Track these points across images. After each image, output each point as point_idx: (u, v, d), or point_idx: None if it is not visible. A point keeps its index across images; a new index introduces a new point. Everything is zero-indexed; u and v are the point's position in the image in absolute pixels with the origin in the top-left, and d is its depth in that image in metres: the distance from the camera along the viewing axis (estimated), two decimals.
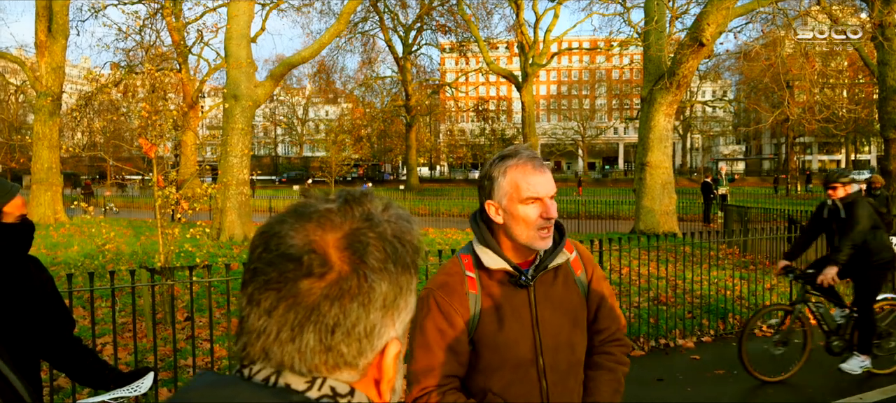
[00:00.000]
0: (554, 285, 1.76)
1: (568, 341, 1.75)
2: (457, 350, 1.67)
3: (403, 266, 0.69)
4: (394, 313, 0.68)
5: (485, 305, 1.70)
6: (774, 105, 35.16)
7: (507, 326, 1.70)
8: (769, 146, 73.39)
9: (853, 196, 5.15)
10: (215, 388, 0.63)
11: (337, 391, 0.65)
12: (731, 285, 7.70)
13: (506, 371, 1.70)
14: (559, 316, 1.75)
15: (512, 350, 1.69)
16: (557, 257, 1.74)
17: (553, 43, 32.94)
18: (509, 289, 1.72)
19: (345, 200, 0.70)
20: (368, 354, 0.67)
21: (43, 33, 18.73)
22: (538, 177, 1.65)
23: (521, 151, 1.70)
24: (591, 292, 1.84)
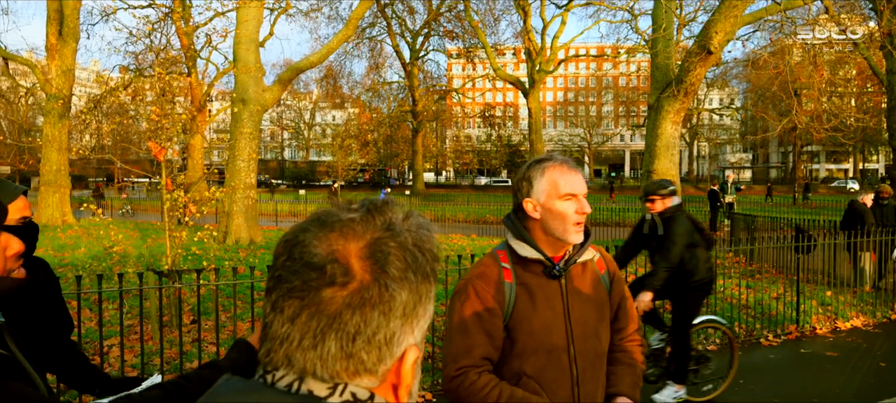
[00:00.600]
0: (582, 279, 1.92)
1: (595, 331, 1.90)
2: (492, 335, 1.81)
3: (423, 274, 0.70)
4: (413, 321, 0.69)
5: (520, 293, 1.85)
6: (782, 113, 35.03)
7: (541, 313, 1.84)
8: (776, 154, 73.08)
9: (672, 210, 4.67)
10: (241, 393, 0.65)
11: (357, 396, 0.66)
12: (737, 294, 7.67)
13: (540, 356, 1.83)
14: (588, 308, 1.90)
15: (545, 336, 1.83)
16: (585, 253, 1.91)
17: (560, 49, 32.93)
18: (543, 280, 1.87)
19: (367, 209, 0.72)
20: (388, 361, 0.68)
21: (54, 36, 18.89)
22: (574, 177, 1.85)
23: (555, 156, 1.91)
24: (613, 291, 2.01)
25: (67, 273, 9.51)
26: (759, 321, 7.06)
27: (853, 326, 7.19)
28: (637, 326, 2.05)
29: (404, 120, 50.10)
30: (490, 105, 65.74)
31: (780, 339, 6.69)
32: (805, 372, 5.72)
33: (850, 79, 39.68)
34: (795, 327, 6.97)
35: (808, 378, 5.53)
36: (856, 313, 7.53)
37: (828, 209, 25.67)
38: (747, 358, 6.09)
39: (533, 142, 32.45)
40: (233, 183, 14.42)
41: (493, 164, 70.25)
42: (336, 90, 51.41)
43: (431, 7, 38.07)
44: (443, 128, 67.06)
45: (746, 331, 6.77)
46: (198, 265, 8.27)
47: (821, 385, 5.32)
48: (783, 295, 8.02)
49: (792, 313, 7.27)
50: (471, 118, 66.06)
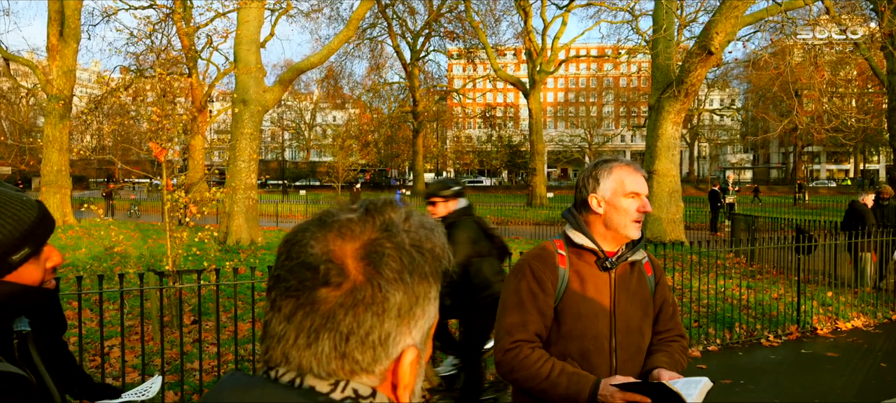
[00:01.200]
0: (631, 277, 2.02)
1: (638, 327, 2.00)
2: (544, 313, 1.94)
3: (421, 275, 0.70)
4: (410, 321, 0.69)
5: (572, 279, 1.97)
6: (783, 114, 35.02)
7: (589, 300, 1.95)
8: (777, 155, 73.05)
9: (456, 215, 4.11)
10: (246, 389, 0.65)
11: (359, 393, 0.67)
12: (737, 294, 7.67)
13: (585, 341, 1.93)
14: (633, 304, 2.00)
15: (591, 323, 1.94)
16: (637, 253, 2.02)
17: (561, 50, 32.93)
18: (595, 270, 1.98)
19: (366, 210, 0.72)
20: (384, 361, 0.68)
21: (54, 37, 18.91)
22: (639, 178, 1.98)
23: (621, 158, 2.05)
24: (657, 293, 2.10)
25: (68, 273, 9.51)
26: (760, 321, 7.05)
27: (854, 327, 7.19)
28: (681, 333, 2.11)
29: (405, 120, 50.13)
30: (491, 105, 65.73)
31: (780, 340, 6.68)
32: (806, 373, 5.72)
33: (851, 79, 39.66)
34: (796, 327, 6.97)
35: (809, 379, 5.53)
36: (856, 313, 7.53)
37: (820, 210, 25.65)
38: (748, 359, 6.09)
39: (533, 143, 32.43)
40: (233, 183, 14.43)
41: (493, 165, 70.29)
42: (337, 91, 51.43)
43: (432, 8, 38.09)
44: (443, 128, 67.10)
45: (747, 332, 6.77)
46: (198, 265, 8.27)
47: (821, 386, 5.32)
48: (784, 296, 8.02)
49: (793, 313, 7.26)
50: (471, 119, 66.09)
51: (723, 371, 5.71)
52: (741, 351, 6.33)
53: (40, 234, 1.35)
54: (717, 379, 5.44)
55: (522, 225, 21.16)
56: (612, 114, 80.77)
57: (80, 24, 19.63)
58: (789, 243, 7.87)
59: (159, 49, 21.28)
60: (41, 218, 1.36)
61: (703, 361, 6.00)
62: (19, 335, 1.40)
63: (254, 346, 4.75)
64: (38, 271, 1.37)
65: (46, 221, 1.38)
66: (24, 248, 1.31)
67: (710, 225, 19.65)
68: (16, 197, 1.34)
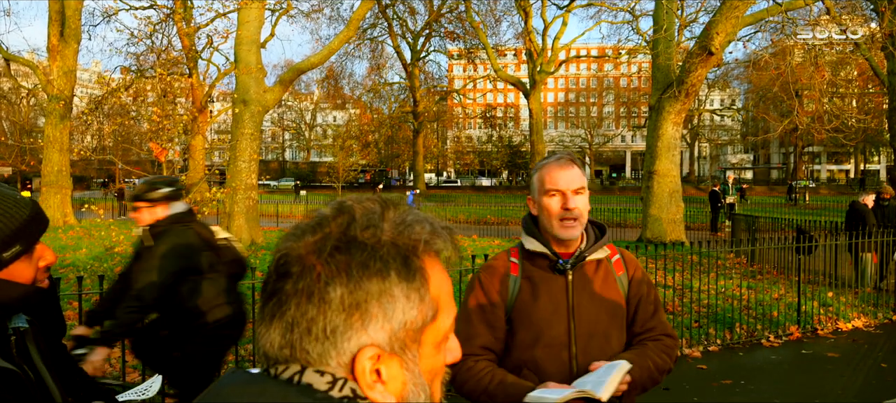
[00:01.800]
0: (594, 278, 1.92)
1: (604, 332, 1.88)
2: (493, 325, 1.89)
3: (375, 271, 0.68)
4: (363, 318, 0.67)
5: (523, 286, 1.91)
6: (783, 114, 35.02)
7: (542, 306, 1.87)
8: (777, 155, 73.03)
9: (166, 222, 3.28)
10: (246, 385, 0.67)
11: (357, 393, 0.67)
12: (738, 294, 7.67)
13: (539, 349, 1.86)
14: (597, 307, 1.89)
15: (545, 329, 1.86)
16: (596, 252, 1.92)
17: (561, 50, 32.93)
18: (548, 275, 1.90)
19: (337, 208, 0.73)
20: (333, 355, 0.67)
21: (55, 37, 18.92)
22: (559, 173, 1.87)
23: (555, 154, 1.96)
24: (632, 291, 1.97)
25: (69, 274, 9.51)
26: (761, 321, 7.05)
27: (854, 327, 7.18)
28: (665, 332, 1.97)
29: (405, 121, 50.15)
30: (491, 106, 65.75)
31: (781, 340, 6.68)
32: (806, 373, 5.72)
33: (852, 80, 39.64)
34: (797, 328, 6.97)
35: (810, 380, 5.53)
36: (857, 314, 7.53)
37: (808, 210, 25.64)
38: (748, 359, 6.09)
39: (534, 143, 32.43)
40: (234, 183, 14.43)
41: (494, 165, 70.30)
42: (337, 91, 51.48)
43: (432, 8, 38.11)
44: (444, 128, 67.11)
45: (747, 332, 6.77)
46: None
47: (822, 387, 5.32)
48: (784, 296, 8.02)
49: (793, 314, 7.26)
50: (472, 119, 66.14)
51: (723, 371, 5.71)
52: (742, 352, 6.33)
53: (32, 232, 1.35)
54: (717, 379, 5.45)
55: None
56: (613, 114, 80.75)
57: (80, 25, 19.64)
58: (790, 243, 7.87)
59: (160, 49, 21.27)
60: (33, 216, 1.36)
61: (704, 361, 6.00)
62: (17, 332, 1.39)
63: (254, 346, 4.73)
64: (31, 269, 1.37)
65: (39, 220, 1.38)
66: (15, 246, 1.31)
67: (710, 225, 19.65)
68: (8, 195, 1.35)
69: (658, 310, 1.99)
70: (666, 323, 2.00)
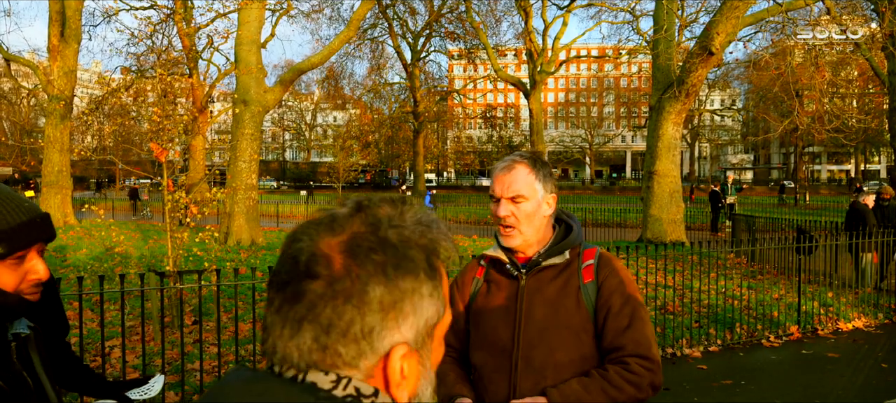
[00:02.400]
0: (550, 284, 1.81)
1: (550, 342, 1.76)
2: (454, 326, 1.86)
3: (407, 270, 0.69)
4: (398, 317, 0.69)
5: (481, 290, 1.91)
6: (783, 114, 35.00)
7: (492, 310, 1.85)
8: (778, 155, 73.02)
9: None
10: (250, 383, 0.66)
11: (361, 391, 0.67)
12: (738, 295, 7.67)
13: (484, 352, 1.85)
14: (548, 315, 1.78)
15: (492, 333, 1.84)
16: (553, 257, 1.82)
17: (561, 50, 32.91)
18: (504, 279, 1.87)
19: (356, 206, 0.73)
20: (369, 356, 0.68)
21: (55, 37, 18.91)
22: (496, 178, 1.84)
23: (508, 155, 1.88)
24: (599, 303, 1.79)
25: (69, 274, 9.52)
26: (761, 322, 7.05)
27: (855, 327, 7.19)
28: (638, 352, 1.72)
29: (406, 121, 50.11)
30: (491, 106, 65.78)
31: (781, 340, 6.68)
32: (806, 374, 5.72)
33: (852, 80, 39.66)
34: (797, 328, 6.97)
35: (810, 380, 5.53)
36: (857, 314, 7.53)
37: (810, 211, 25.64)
38: (749, 360, 6.09)
39: (534, 143, 32.41)
40: (234, 184, 14.44)
41: (494, 165, 70.18)
42: (337, 91, 51.45)
43: (433, 8, 38.09)
44: (444, 129, 67.07)
45: (748, 332, 6.77)
46: (199, 266, 8.28)
47: (822, 387, 5.32)
48: (784, 296, 8.02)
49: (793, 314, 7.26)
50: (472, 119, 66.13)
51: (723, 371, 5.71)
52: (742, 352, 6.33)
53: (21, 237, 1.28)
54: (718, 380, 5.46)
55: None
56: (613, 114, 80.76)
57: (80, 25, 19.64)
58: (790, 243, 7.87)
59: (160, 49, 21.29)
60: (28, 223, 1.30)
61: (704, 361, 6.00)
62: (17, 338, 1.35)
63: (254, 346, 4.75)
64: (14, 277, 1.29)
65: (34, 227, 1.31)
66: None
67: (710, 225, 19.65)
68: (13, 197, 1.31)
69: (633, 326, 1.74)
70: (642, 341, 1.74)
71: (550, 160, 67.14)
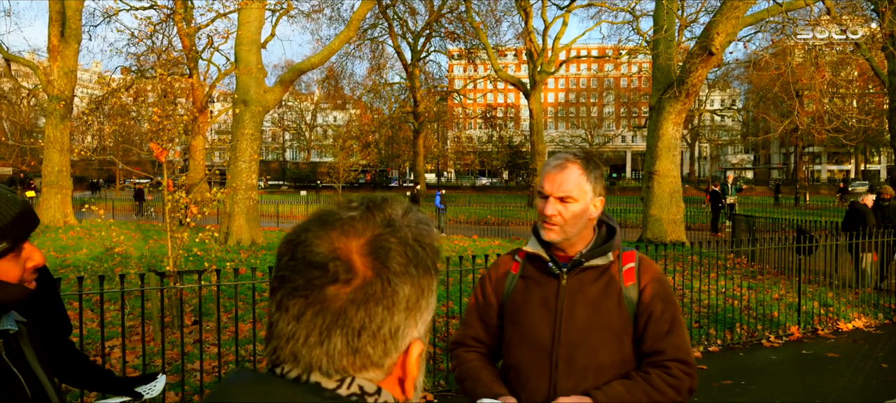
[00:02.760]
0: (592, 285, 1.81)
1: (592, 344, 1.77)
2: (486, 321, 1.93)
3: (425, 268, 0.71)
4: (416, 314, 0.71)
5: (518, 286, 1.89)
6: (783, 114, 34.98)
7: (531, 308, 1.84)
8: (778, 155, 73.02)
9: None
10: (253, 384, 0.66)
11: (365, 390, 0.68)
12: (738, 295, 7.66)
13: (523, 351, 1.83)
14: (589, 317, 1.78)
15: (531, 332, 1.82)
16: (596, 258, 1.81)
17: (562, 50, 32.92)
18: (543, 277, 1.85)
19: (367, 207, 0.73)
20: (393, 354, 0.69)
21: (56, 37, 18.92)
22: (547, 176, 1.81)
23: (562, 153, 1.88)
24: (640, 307, 1.82)
25: (69, 274, 9.52)
26: (761, 322, 7.05)
27: (855, 327, 7.18)
28: (678, 357, 1.78)
29: (406, 121, 50.13)
30: (491, 106, 65.80)
31: (781, 340, 6.68)
32: (807, 374, 5.72)
33: (852, 80, 39.64)
34: (797, 328, 6.97)
35: (810, 380, 5.53)
36: (857, 314, 7.53)
37: (810, 211, 25.63)
38: (749, 360, 6.09)
39: (534, 143, 32.42)
40: (234, 184, 14.44)
41: (494, 165, 70.27)
42: (337, 91, 51.47)
43: (433, 8, 38.10)
44: (444, 129, 67.11)
45: (748, 332, 6.77)
46: (199, 266, 8.27)
47: (823, 387, 5.32)
48: (785, 296, 8.02)
49: (794, 314, 7.26)
50: (472, 119, 66.12)
51: (724, 371, 5.71)
52: (742, 352, 6.33)
53: (19, 230, 1.33)
54: (718, 380, 5.45)
55: (523, 226, 21.15)
56: (613, 114, 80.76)
57: (81, 25, 19.64)
58: (790, 244, 7.87)
59: (160, 49, 21.29)
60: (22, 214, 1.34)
61: (704, 361, 6.00)
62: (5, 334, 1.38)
63: (255, 346, 4.75)
64: (17, 268, 1.35)
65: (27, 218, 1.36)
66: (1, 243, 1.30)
67: (710, 225, 19.65)
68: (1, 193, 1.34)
69: (673, 331, 1.79)
70: (681, 346, 1.80)
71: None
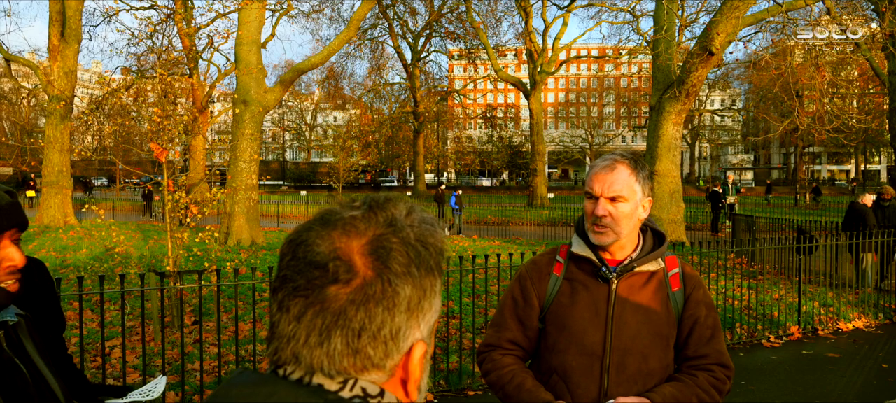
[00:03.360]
0: (643, 290, 1.80)
1: (642, 349, 1.76)
2: (524, 322, 1.85)
3: (427, 269, 0.70)
4: (419, 315, 0.70)
5: (563, 288, 1.83)
6: (784, 114, 35.02)
7: (579, 312, 1.79)
8: (778, 155, 73.02)
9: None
10: (255, 386, 0.66)
11: (368, 391, 0.67)
12: (739, 295, 7.67)
13: (571, 356, 1.77)
14: (639, 322, 1.77)
15: (580, 336, 1.77)
16: (647, 263, 1.80)
17: (562, 50, 32.92)
18: (592, 280, 1.81)
19: (369, 207, 0.72)
20: (395, 356, 0.68)
21: (56, 38, 18.92)
22: (599, 176, 1.78)
23: (609, 154, 1.84)
24: (686, 313, 1.83)
25: (69, 274, 9.52)
26: (761, 322, 7.05)
27: (855, 327, 7.18)
28: (721, 361, 1.81)
29: (406, 121, 50.09)
30: (491, 106, 65.71)
31: (781, 340, 6.68)
32: (807, 374, 5.72)
33: (852, 80, 39.64)
34: (797, 328, 6.97)
35: (810, 380, 5.53)
36: (858, 314, 7.53)
37: (810, 211, 25.62)
38: (749, 360, 6.09)
39: (534, 144, 32.42)
40: (234, 184, 14.44)
41: (494, 165, 70.27)
42: (337, 91, 51.45)
43: (433, 8, 38.08)
44: (444, 129, 67.09)
45: (748, 332, 6.77)
46: (199, 266, 8.28)
47: (823, 387, 5.32)
48: (785, 297, 8.02)
49: (794, 314, 7.26)
50: (472, 119, 66.07)
51: None
52: (742, 352, 6.33)
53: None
54: None
55: (523, 226, 21.16)
56: (613, 114, 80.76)
57: (81, 25, 19.64)
58: (790, 244, 7.87)
59: (160, 50, 21.30)
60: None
61: None
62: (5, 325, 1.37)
63: (255, 346, 4.75)
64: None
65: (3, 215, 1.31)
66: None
67: (711, 225, 19.65)
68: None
69: (715, 336, 1.83)
70: (723, 351, 1.83)
71: (550, 160, 67.24)
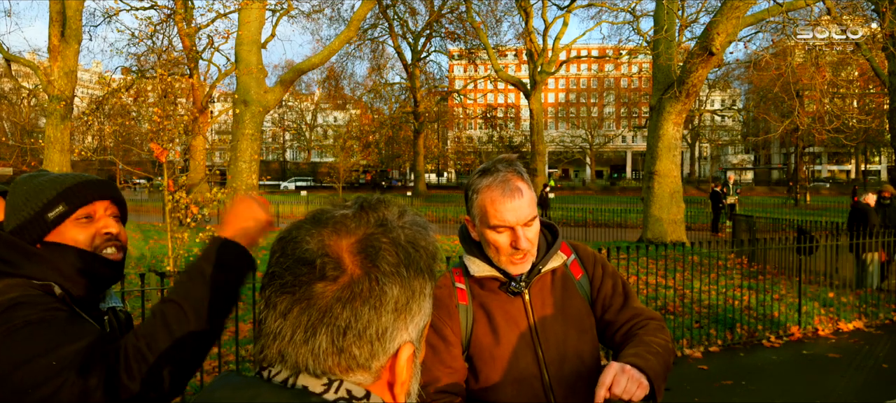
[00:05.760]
0: (553, 290, 1.66)
1: (575, 350, 1.62)
2: (451, 366, 1.58)
3: (417, 270, 0.70)
4: (407, 316, 0.69)
5: (478, 317, 1.62)
6: (784, 114, 35.00)
7: (504, 338, 1.60)
8: (778, 156, 72.99)
9: None
10: (238, 389, 0.65)
11: (353, 394, 0.66)
12: (739, 295, 7.66)
13: (507, 387, 1.59)
14: (562, 324, 1.63)
15: (512, 364, 1.59)
16: (551, 260, 1.65)
17: (562, 50, 32.94)
18: (503, 298, 1.63)
19: (360, 207, 0.72)
20: (380, 356, 0.67)
21: (56, 38, 18.91)
22: (507, 204, 1.53)
23: (497, 169, 1.59)
24: (597, 296, 1.70)
25: None
26: (761, 322, 7.05)
27: (855, 328, 7.18)
28: (650, 316, 1.67)
29: (406, 121, 50.11)
30: (491, 106, 65.69)
31: (782, 340, 6.68)
32: (807, 374, 5.71)
33: (853, 80, 39.63)
34: (797, 328, 6.96)
35: (811, 380, 5.52)
36: (858, 314, 7.52)
37: (811, 210, 25.61)
38: (749, 360, 6.09)
39: (534, 144, 32.44)
40: (234, 184, 14.45)
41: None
42: (338, 91, 51.45)
43: (433, 8, 38.10)
44: (444, 129, 67.10)
45: (748, 332, 6.77)
46: None
47: (823, 387, 5.31)
48: (785, 297, 8.01)
49: (794, 314, 7.26)
50: (472, 119, 66.11)
51: (724, 371, 5.71)
52: (742, 352, 6.32)
53: (78, 194, 1.36)
54: (718, 380, 5.45)
55: None
56: (614, 114, 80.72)
57: (81, 25, 19.62)
58: (791, 244, 7.86)
59: (160, 50, 21.30)
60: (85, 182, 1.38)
61: (705, 362, 6.00)
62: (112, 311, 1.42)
63: (255, 347, 4.75)
64: (83, 233, 1.36)
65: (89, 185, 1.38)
66: (58, 205, 1.32)
67: (711, 225, 19.64)
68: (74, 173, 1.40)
69: (630, 298, 1.70)
70: (643, 307, 1.70)
71: (551, 160, 67.23)
